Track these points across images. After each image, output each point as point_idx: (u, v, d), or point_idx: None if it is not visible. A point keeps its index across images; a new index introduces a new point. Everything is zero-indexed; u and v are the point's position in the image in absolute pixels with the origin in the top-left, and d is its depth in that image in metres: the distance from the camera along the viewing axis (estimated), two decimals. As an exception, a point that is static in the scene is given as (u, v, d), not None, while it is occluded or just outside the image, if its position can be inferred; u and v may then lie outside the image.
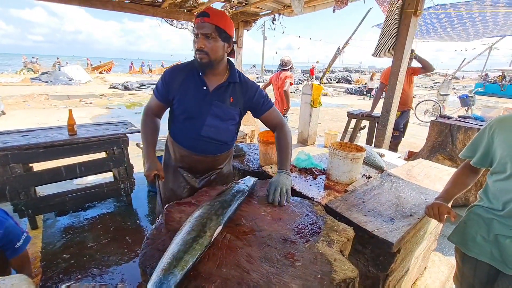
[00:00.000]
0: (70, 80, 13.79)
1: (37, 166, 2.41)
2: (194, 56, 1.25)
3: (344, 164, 1.52)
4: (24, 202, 2.19)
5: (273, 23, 3.92)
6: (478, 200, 1.18)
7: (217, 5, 3.84)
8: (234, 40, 1.32)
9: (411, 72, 3.51)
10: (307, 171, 1.69)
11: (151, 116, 1.40)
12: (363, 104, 11.06)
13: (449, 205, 1.26)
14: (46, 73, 14.89)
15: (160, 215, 1.07)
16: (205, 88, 1.29)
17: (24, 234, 1.53)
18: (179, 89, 1.30)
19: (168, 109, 1.42)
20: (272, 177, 1.30)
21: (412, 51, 3.18)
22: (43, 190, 2.68)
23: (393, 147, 3.73)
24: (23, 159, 2.12)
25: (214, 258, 0.84)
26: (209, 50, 1.19)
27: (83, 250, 2.11)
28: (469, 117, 3.32)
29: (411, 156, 3.82)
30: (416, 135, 6.17)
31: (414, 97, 4.62)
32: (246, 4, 3.59)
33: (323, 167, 1.75)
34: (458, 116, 3.39)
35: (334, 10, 2.67)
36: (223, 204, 1.03)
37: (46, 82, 13.37)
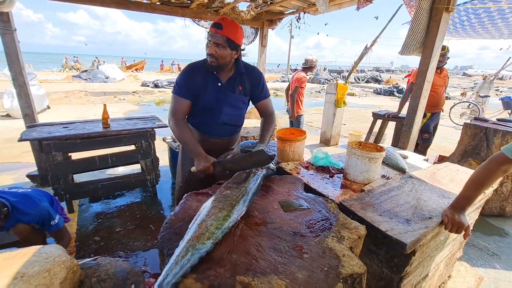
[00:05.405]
0: (107, 78, 14.72)
1: (75, 156, 2.65)
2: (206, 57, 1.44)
3: (361, 164, 1.50)
4: (63, 187, 2.42)
5: (297, 22, 3.90)
6: None
7: (243, 5, 3.90)
8: (249, 42, 1.47)
9: (446, 73, 3.32)
10: (324, 170, 1.68)
11: (182, 120, 1.52)
12: (392, 105, 10.56)
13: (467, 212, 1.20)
14: (86, 71, 16.10)
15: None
16: (219, 84, 1.50)
17: (57, 217, 1.75)
18: (200, 86, 1.49)
19: None
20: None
21: (444, 48, 3.00)
22: (79, 178, 2.93)
23: (422, 150, 3.54)
24: (63, 148, 2.35)
25: (226, 245, 0.88)
26: (218, 56, 1.39)
27: (111, 234, 2.29)
28: (509, 121, 3.06)
29: (441, 160, 3.60)
30: (449, 138, 5.79)
31: (448, 98, 4.34)
32: (271, 3, 3.61)
33: (341, 166, 1.73)
34: (497, 119, 3.14)
35: (358, 9, 2.57)
36: (249, 192, 1.14)
37: (86, 79, 14.43)
